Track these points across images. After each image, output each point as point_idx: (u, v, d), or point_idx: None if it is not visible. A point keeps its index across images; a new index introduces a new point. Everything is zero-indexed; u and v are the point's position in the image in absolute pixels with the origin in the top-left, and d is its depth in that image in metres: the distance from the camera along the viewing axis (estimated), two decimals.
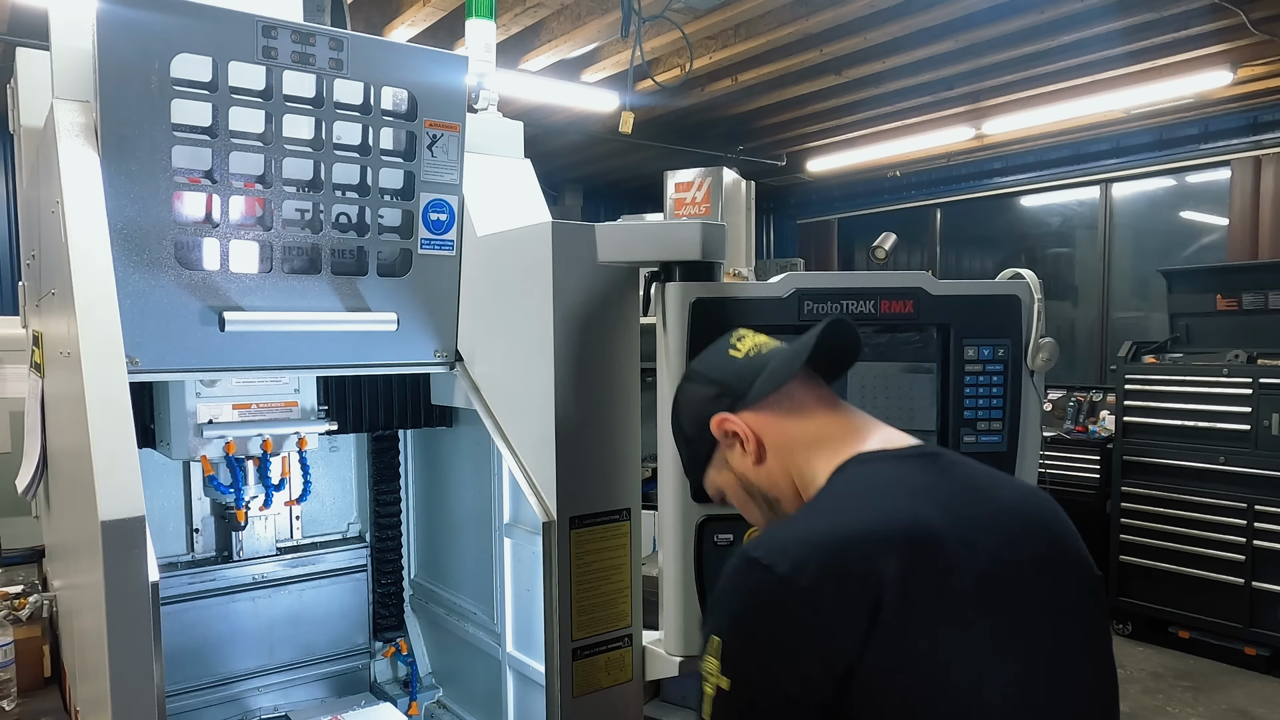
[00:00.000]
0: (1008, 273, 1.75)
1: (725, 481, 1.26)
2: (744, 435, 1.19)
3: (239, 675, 2.08)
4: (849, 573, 0.95)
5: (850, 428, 1.17)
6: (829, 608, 0.94)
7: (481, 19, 2.21)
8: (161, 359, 1.54)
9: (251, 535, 2.07)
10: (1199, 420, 4.94)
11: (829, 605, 0.94)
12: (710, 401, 1.23)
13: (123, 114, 1.43)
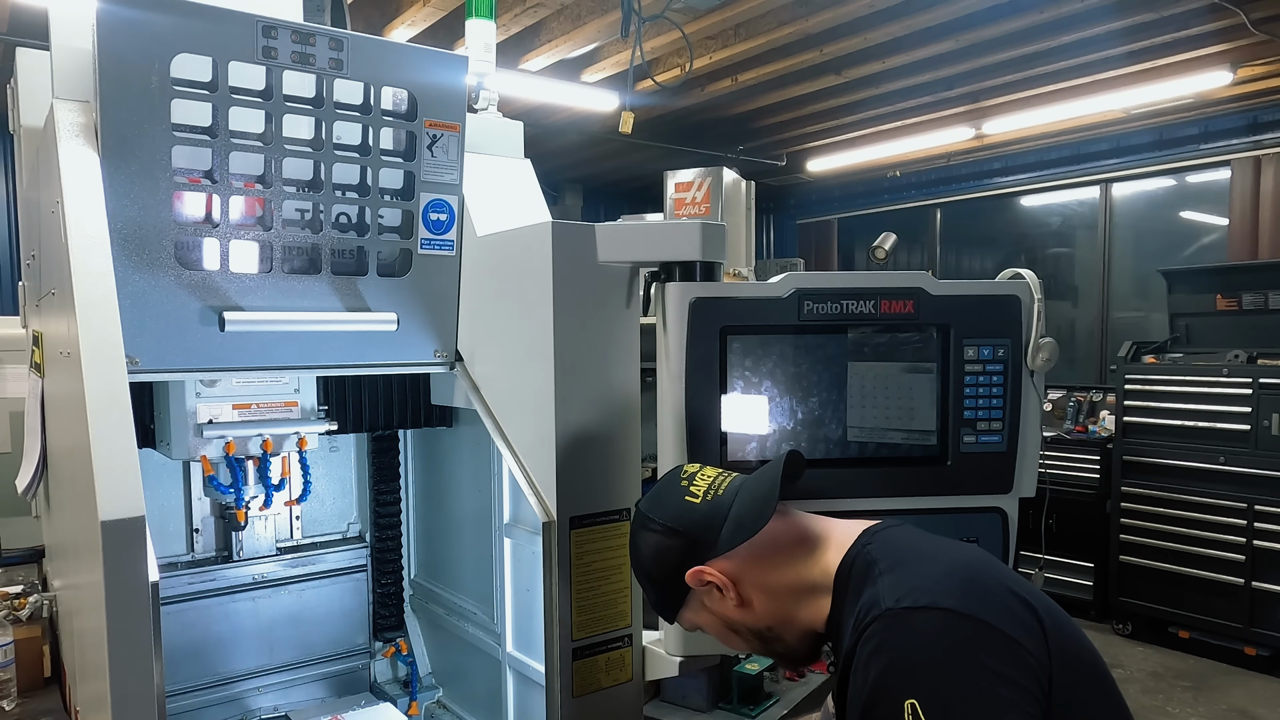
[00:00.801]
0: (1008, 273, 1.75)
1: (705, 621, 1.28)
2: (723, 585, 1.22)
3: (239, 675, 2.08)
4: (999, 591, 1.01)
5: (815, 529, 1.24)
6: (1010, 624, 0.97)
7: (481, 19, 2.21)
8: (161, 359, 1.54)
9: (251, 535, 2.07)
10: (1199, 420, 4.94)
11: (1009, 622, 0.97)
12: (679, 554, 1.24)
13: (123, 114, 1.43)
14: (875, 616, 1.00)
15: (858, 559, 1.15)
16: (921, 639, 0.96)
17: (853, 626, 1.05)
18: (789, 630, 1.22)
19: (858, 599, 1.09)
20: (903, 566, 1.07)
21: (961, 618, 0.96)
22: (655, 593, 1.30)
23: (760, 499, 1.21)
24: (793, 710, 2.06)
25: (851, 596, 1.12)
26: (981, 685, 0.93)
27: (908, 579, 1.03)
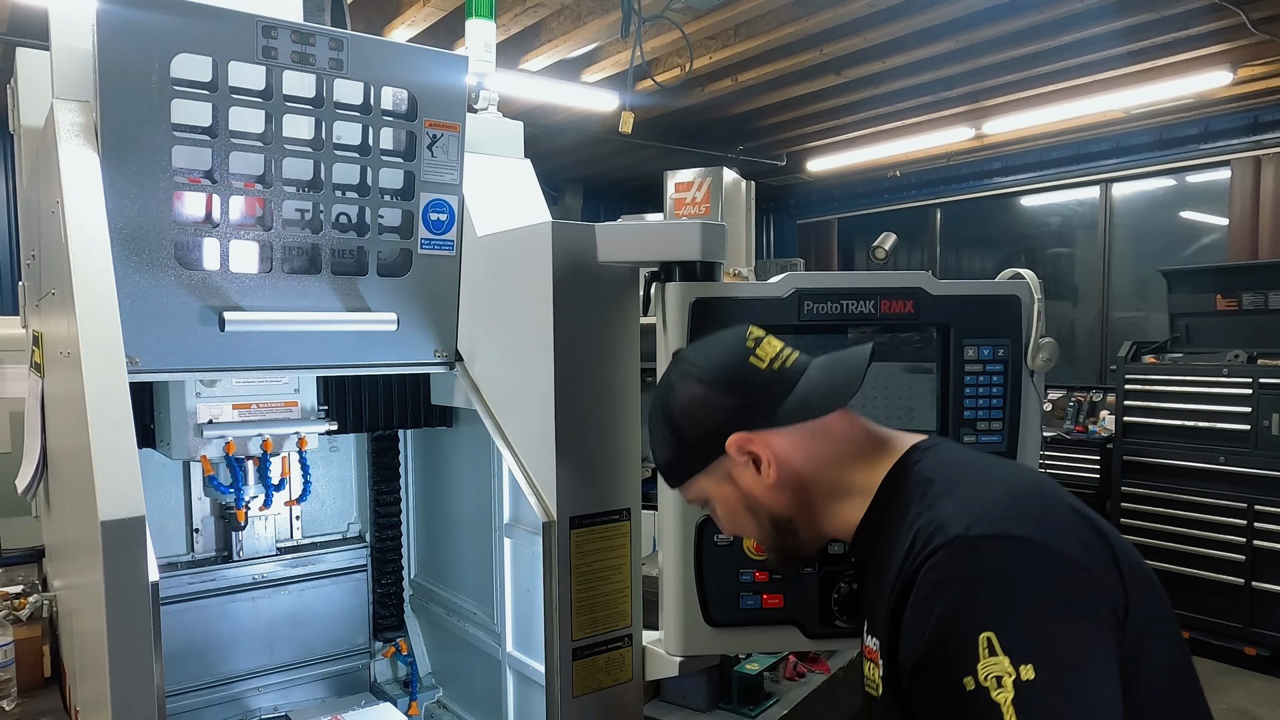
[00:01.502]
0: (1008, 273, 1.75)
1: (721, 494, 1.18)
2: (766, 460, 1.12)
3: (239, 675, 2.08)
4: (1069, 518, 0.95)
5: (874, 433, 1.16)
6: (1086, 555, 0.91)
7: (481, 19, 2.21)
8: (161, 359, 1.54)
9: (251, 535, 2.07)
10: (1199, 420, 4.94)
11: (1085, 553, 0.91)
12: (728, 414, 1.14)
13: (123, 114, 1.43)
14: (941, 544, 0.92)
15: (908, 474, 1.07)
16: (996, 569, 0.89)
17: (906, 551, 0.97)
18: (809, 527, 1.15)
19: (903, 517, 1.02)
20: (962, 489, 0.99)
21: (1037, 547, 0.89)
22: (674, 451, 1.19)
23: (839, 381, 1.13)
24: (793, 710, 2.06)
25: (896, 513, 1.04)
26: (1061, 619, 0.86)
27: (973, 503, 0.95)
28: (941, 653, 0.87)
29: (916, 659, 0.90)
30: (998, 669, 0.83)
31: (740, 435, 1.13)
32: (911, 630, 0.92)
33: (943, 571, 0.90)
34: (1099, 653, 0.86)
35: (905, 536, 0.98)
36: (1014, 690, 0.82)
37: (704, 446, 1.16)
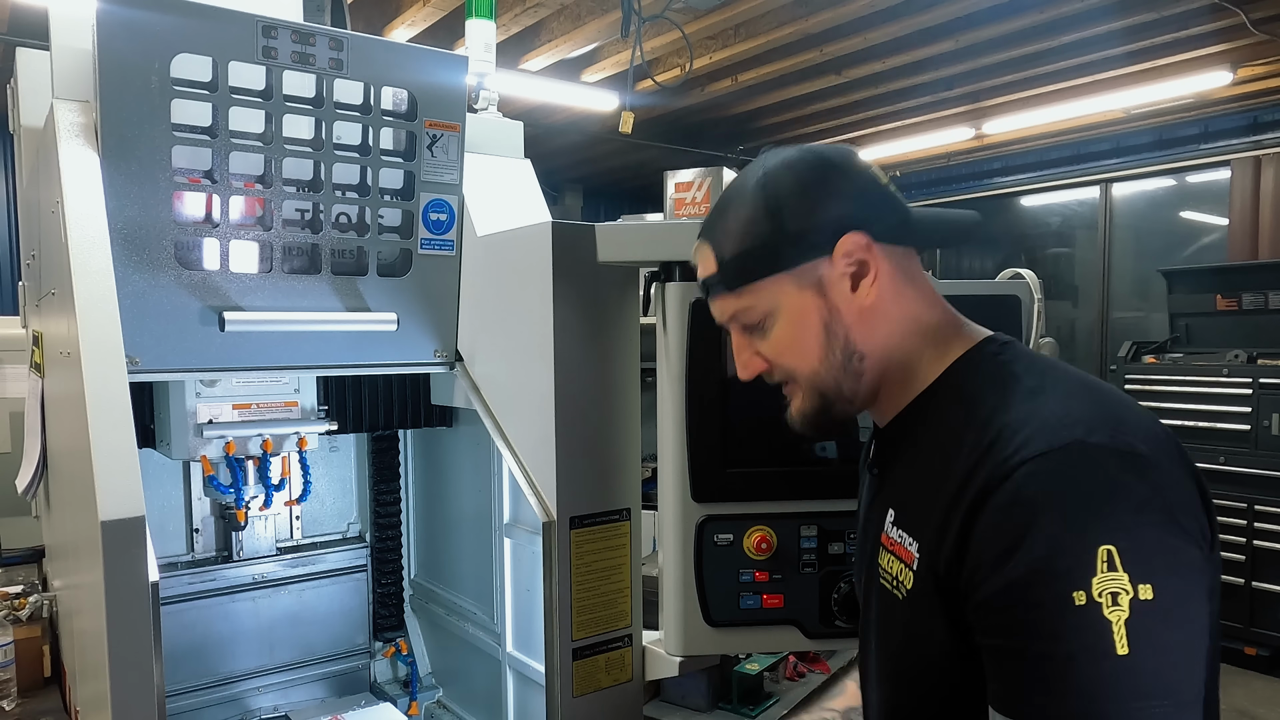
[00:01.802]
0: (1008, 273, 1.76)
1: (796, 306, 0.98)
2: (873, 276, 0.97)
3: (239, 675, 2.08)
4: (1177, 445, 0.89)
5: (951, 310, 1.06)
6: (1191, 483, 0.86)
7: (481, 19, 2.21)
8: (161, 359, 1.54)
9: (251, 535, 2.07)
10: (1199, 420, 4.93)
11: (1190, 480, 0.86)
12: (850, 208, 0.97)
13: (123, 114, 1.43)
14: (1051, 448, 0.81)
15: (987, 362, 0.97)
16: (1117, 482, 0.80)
17: (989, 447, 0.85)
18: (873, 373, 1.00)
19: (978, 409, 0.91)
20: (1061, 391, 0.89)
21: (1153, 466, 0.83)
22: (761, 239, 0.99)
23: (954, 219, 1.06)
24: (792, 710, 2.06)
25: (968, 403, 0.93)
26: (1177, 543, 0.79)
27: (1080, 409, 0.85)
28: (1049, 563, 0.77)
29: (1014, 567, 0.79)
30: (1115, 584, 0.76)
31: (859, 237, 0.96)
32: (1001, 535, 0.81)
33: (1054, 477, 0.80)
34: (1203, 585, 0.80)
35: (985, 431, 0.87)
36: (1129, 610, 0.75)
37: (806, 241, 0.97)
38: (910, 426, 1.01)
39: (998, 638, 0.81)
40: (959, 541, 0.84)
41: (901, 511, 0.96)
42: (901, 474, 1.00)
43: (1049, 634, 0.77)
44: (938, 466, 0.90)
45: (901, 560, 0.93)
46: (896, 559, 0.94)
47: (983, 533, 0.82)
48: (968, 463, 0.86)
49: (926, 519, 0.89)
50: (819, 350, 1.00)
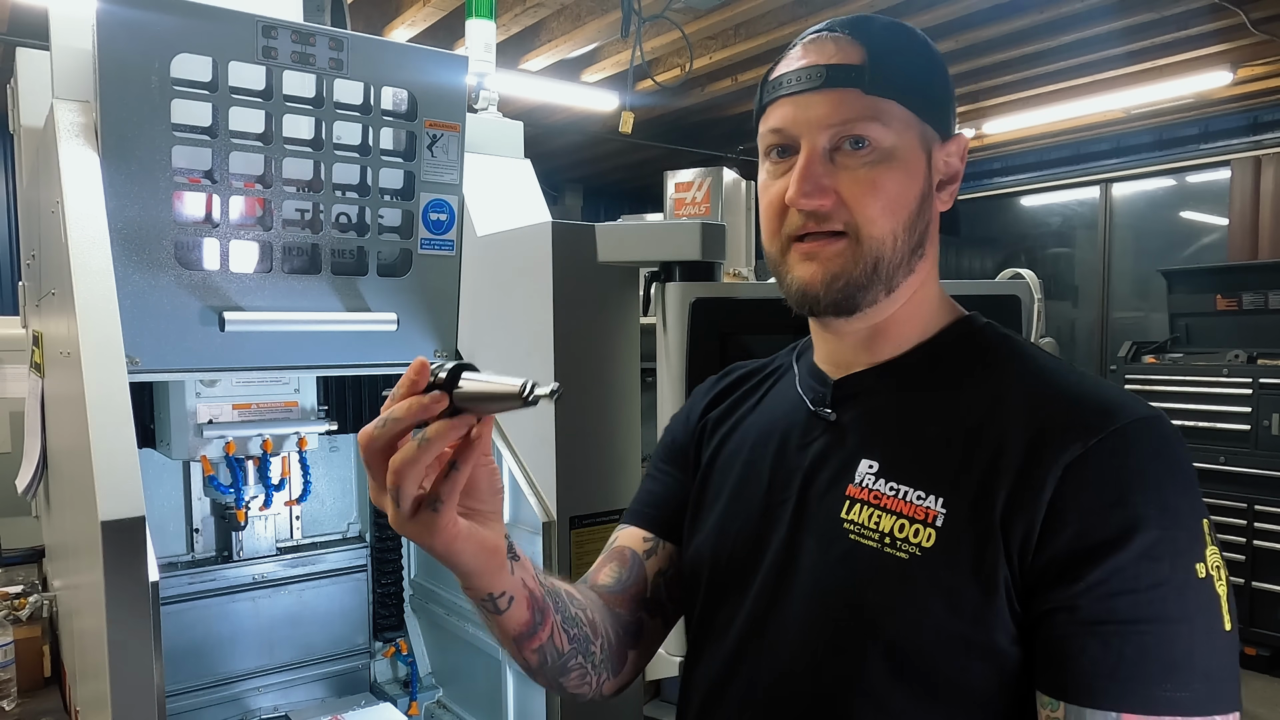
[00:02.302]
0: (1008, 273, 1.76)
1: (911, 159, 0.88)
2: (957, 186, 0.95)
3: (239, 675, 2.08)
4: None
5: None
6: None
7: (481, 19, 2.21)
8: (161, 359, 1.54)
9: (251, 535, 2.07)
10: (1199, 420, 4.94)
11: None
12: (954, 109, 0.94)
13: (123, 114, 1.43)
14: (1144, 416, 0.79)
15: (990, 329, 0.96)
16: (1189, 459, 0.80)
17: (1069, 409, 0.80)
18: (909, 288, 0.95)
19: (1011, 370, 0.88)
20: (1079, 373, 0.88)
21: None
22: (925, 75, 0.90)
23: None
24: None
25: (991, 362, 0.90)
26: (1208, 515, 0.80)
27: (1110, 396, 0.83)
28: (1172, 534, 0.74)
29: (1123, 533, 0.74)
30: (1216, 559, 0.75)
31: (966, 139, 0.94)
32: (1088, 513, 0.76)
33: (1159, 445, 0.78)
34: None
35: (1042, 394, 0.83)
36: (1227, 585, 0.75)
37: (947, 111, 0.92)
38: (907, 377, 0.92)
39: (1101, 615, 0.73)
40: (1031, 510, 0.77)
41: (895, 464, 0.87)
42: (889, 426, 0.90)
43: (1175, 610, 0.73)
44: (971, 423, 0.84)
45: (907, 517, 0.83)
46: (896, 516, 0.84)
47: (1069, 498, 0.76)
48: (1034, 424, 0.80)
49: (960, 479, 0.82)
50: (907, 217, 0.89)
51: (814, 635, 0.86)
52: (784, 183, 0.88)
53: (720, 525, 0.99)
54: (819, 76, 0.86)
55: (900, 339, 0.94)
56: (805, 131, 0.86)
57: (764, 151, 0.92)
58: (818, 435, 0.94)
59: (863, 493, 0.87)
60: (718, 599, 0.97)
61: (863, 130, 0.85)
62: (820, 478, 0.91)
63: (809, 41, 0.90)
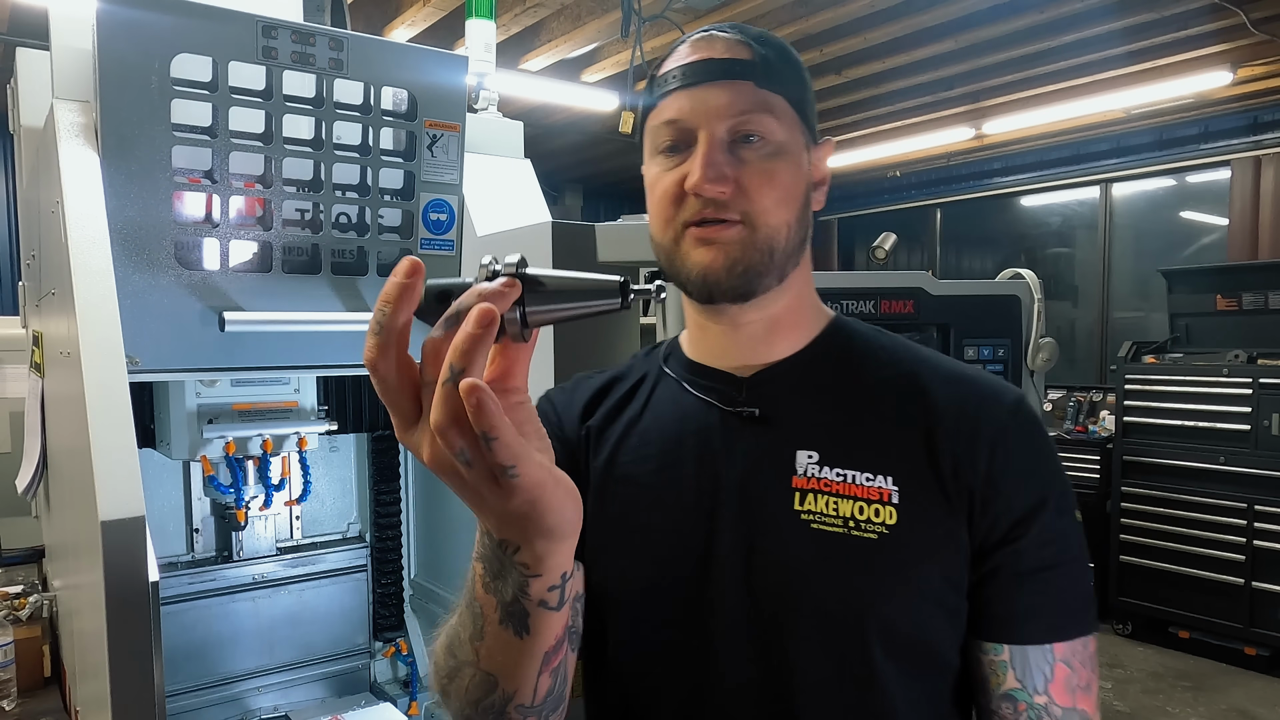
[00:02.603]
0: (1008, 273, 1.76)
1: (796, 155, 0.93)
2: (827, 180, 1.01)
3: (239, 675, 2.08)
4: None
5: None
6: None
7: (481, 19, 2.21)
8: (161, 359, 1.54)
9: (251, 535, 2.07)
10: (1199, 420, 4.94)
11: None
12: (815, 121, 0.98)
13: (123, 114, 1.43)
14: (1021, 398, 0.92)
15: (861, 323, 1.02)
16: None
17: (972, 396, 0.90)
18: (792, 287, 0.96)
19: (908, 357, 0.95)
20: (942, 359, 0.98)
21: None
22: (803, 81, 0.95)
23: None
24: None
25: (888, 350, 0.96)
26: None
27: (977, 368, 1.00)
28: (1063, 490, 0.89)
29: (1043, 497, 0.86)
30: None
31: (833, 145, 1.00)
32: (1024, 466, 0.87)
33: (1034, 422, 0.91)
34: None
35: (945, 377, 0.92)
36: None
37: (814, 118, 0.98)
38: (812, 371, 0.95)
39: (1035, 565, 0.85)
40: (974, 476, 0.86)
41: (834, 452, 0.89)
42: (816, 416, 0.92)
43: (1076, 550, 0.88)
44: (892, 406, 0.91)
45: (864, 500, 0.87)
46: (853, 500, 0.87)
47: (1000, 467, 0.86)
48: (954, 406, 0.89)
49: (902, 456, 0.88)
50: (795, 209, 0.93)
51: (799, 630, 0.86)
52: (680, 172, 0.90)
53: (643, 541, 0.92)
54: (715, 69, 0.90)
55: (796, 333, 0.96)
56: (704, 121, 0.89)
57: (655, 148, 0.95)
58: (741, 434, 0.92)
59: (811, 482, 0.89)
60: (650, 620, 0.91)
61: (758, 122, 0.89)
62: (759, 476, 0.90)
63: (697, 39, 0.93)
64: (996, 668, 0.86)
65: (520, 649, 0.72)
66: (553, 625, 0.72)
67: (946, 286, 1.67)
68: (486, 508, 0.62)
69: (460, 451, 0.57)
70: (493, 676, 0.75)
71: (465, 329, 0.55)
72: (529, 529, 0.62)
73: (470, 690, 0.78)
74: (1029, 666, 0.85)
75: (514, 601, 0.69)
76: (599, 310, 0.58)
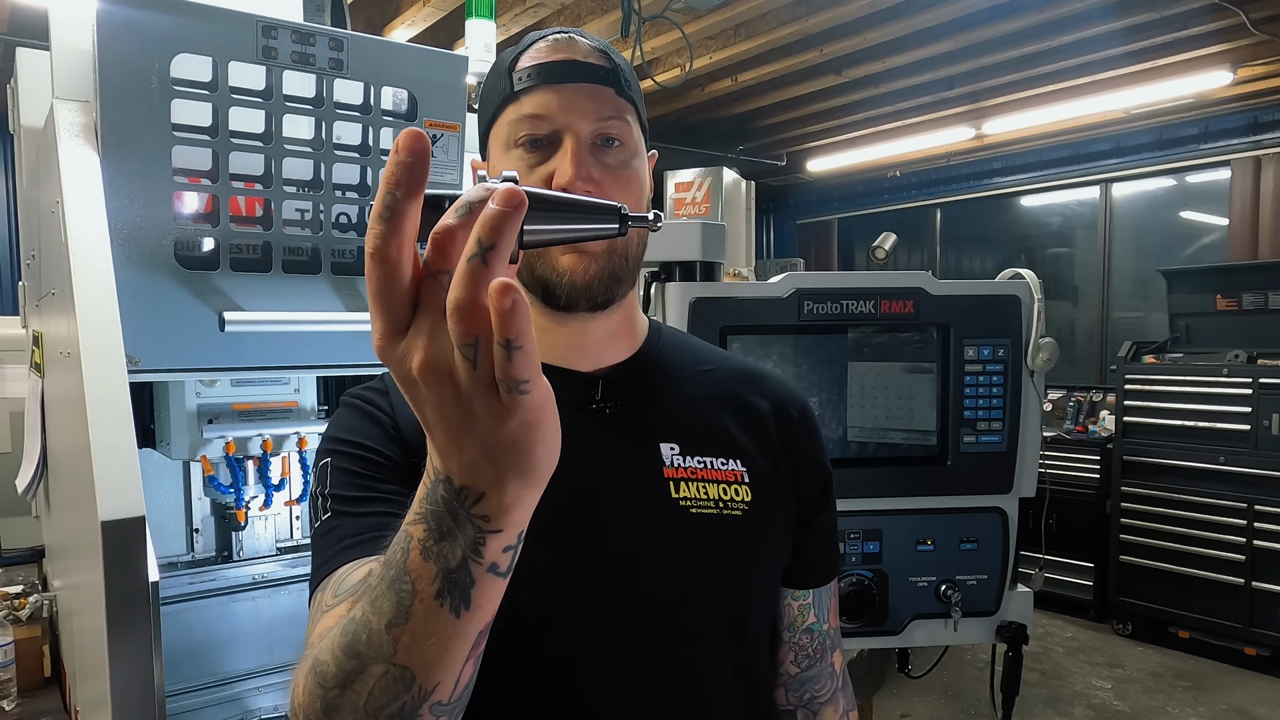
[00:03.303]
0: (1008, 273, 1.76)
1: (643, 164, 0.97)
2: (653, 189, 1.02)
3: (239, 675, 2.08)
4: None
5: None
6: None
7: (481, 19, 2.21)
8: (161, 359, 1.53)
9: (251, 535, 2.07)
10: (1199, 420, 4.94)
11: None
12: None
13: (123, 114, 1.43)
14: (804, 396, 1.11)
15: (670, 326, 1.12)
16: None
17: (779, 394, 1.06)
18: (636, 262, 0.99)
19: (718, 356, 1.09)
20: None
21: None
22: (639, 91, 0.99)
23: None
24: None
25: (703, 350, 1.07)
26: None
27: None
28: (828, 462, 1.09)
29: (827, 478, 1.08)
30: None
31: (657, 156, 1.04)
32: (817, 449, 1.08)
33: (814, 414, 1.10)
34: None
35: (755, 373, 1.08)
36: None
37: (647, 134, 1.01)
38: (648, 370, 1.01)
39: (825, 525, 1.07)
40: (794, 455, 1.04)
41: (691, 441, 0.97)
42: (664, 411, 0.98)
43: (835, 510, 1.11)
44: (719, 397, 1.02)
45: (725, 481, 0.97)
46: (716, 483, 0.96)
47: (808, 447, 1.06)
48: (767, 397, 1.05)
49: (743, 441, 1.00)
50: (637, 189, 0.95)
51: (691, 607, 0.93)
52: (545, 170, 0.89)
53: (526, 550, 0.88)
54: (581, 71, 0.91)
55: (636, 333, 1.03)
56: (570, 121, 0.89)
57: (511, 141, 0.92)
58: (602, 433, 0.94)
59: (679, 471, 0.96)
60: (530, 626, 0.86)
61: (618, 127, 0.92)
62: (630, 470, 0.94)
63: (557, 40, 0.94)
64: (803, 609, 1.06)
65: (453, 631, 0.61)
66: (494, 598, 0.62)
67: (946, 286, 1.67)
68: (473, 429, 0.53)
69: (470, 345, 0.50)
70: (410, 671, 0.63)
71: (493, 206, 0.49)
72: (510, 464, 0.55)
73: (375, 695, 0.64)
74: (821, 604, 1.07)
75: (460, 567, 0.59)
76: (596, 233, 0.56)
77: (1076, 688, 4.70)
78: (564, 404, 0.90)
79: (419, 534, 0.60)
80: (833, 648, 1.09)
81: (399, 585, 0.61)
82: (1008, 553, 1.76)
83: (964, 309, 1.67)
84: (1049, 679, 4.76)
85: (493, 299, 0.48)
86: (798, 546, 1.03)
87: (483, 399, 0.52)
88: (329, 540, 0.85)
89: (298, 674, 0.71)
